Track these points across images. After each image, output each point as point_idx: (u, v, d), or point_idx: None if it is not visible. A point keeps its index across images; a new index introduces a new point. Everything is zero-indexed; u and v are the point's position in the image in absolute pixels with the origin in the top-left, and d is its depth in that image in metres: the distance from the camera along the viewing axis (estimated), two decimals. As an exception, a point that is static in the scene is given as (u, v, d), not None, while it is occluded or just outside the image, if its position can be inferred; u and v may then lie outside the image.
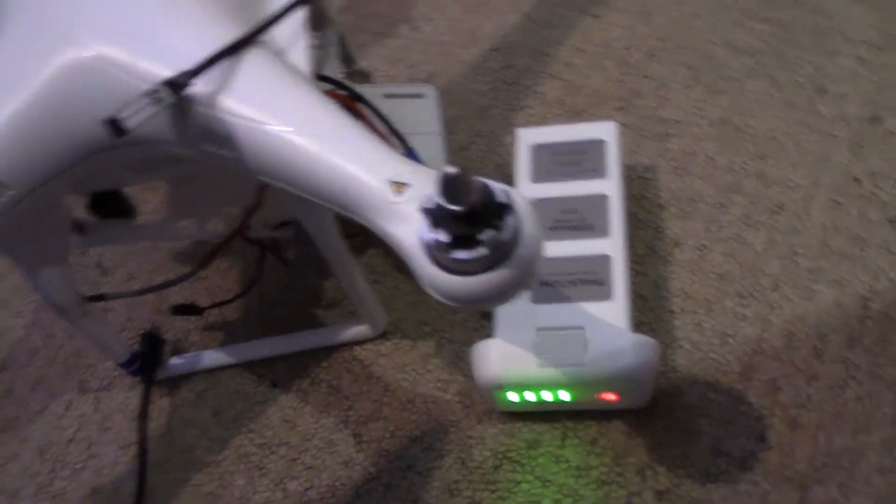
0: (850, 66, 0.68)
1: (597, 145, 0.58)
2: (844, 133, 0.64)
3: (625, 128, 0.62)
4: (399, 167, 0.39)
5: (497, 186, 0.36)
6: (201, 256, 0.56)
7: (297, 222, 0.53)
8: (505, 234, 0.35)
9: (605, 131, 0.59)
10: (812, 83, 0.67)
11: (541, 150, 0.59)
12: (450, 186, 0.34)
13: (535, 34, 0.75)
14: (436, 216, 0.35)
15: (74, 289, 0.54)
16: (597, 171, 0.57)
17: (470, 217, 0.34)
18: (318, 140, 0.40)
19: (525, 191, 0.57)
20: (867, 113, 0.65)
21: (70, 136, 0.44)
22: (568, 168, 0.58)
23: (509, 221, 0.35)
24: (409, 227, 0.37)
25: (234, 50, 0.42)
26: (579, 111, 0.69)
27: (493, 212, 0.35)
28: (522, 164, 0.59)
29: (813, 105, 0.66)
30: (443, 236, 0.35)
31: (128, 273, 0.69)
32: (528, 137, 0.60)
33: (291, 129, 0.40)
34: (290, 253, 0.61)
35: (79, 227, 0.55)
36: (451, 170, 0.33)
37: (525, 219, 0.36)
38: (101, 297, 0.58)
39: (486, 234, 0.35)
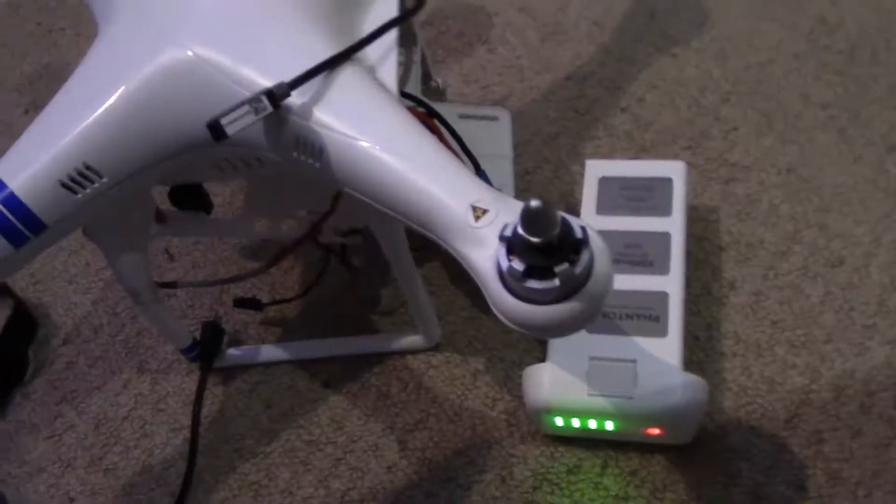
0: (922, 128, 0.68)
1: (664, 183, 0.59)
2: (911, 194, 0.65)
3: (691, 168, 0.63)
4: (480, 193, 0.40)
5: (575, 222, 0.37)
6: (272, 255, 0.58)
7: (367, 230, 0.55)
8: (578, 269, 0.36)
9: (673, 170, 0.60)
10: (883, 141, 0.68)
11: (609, 183, 0.60)
12: (532, 218, 0.35)
13: (610, 67, 0.76)
14: (513, 245, 0.37)
15: (149, 275, 0.56)
16: (662, 208, 0.58)
17: (547, 249, 0.36)
18: (404, 159, 0.42)
19: (590, 221, 0.59)
20: (935, 176, 0.65)
21: (165, 133, 0.46)
22: (634, 203, 0.59)
23: (584, 257, 0.37)
24: (485, 253, 0.39)
25: (330, 65, 0.44)
26: (647, 147, 0.70)
27: (569, 246, 0.37)
28: (590, 195, 0.60)
29: (881, 163, 0.66)
30: (518, 265, 0.37)
31: (193, 262, 0.71)
32: (597, 169, 0.61)
33: (380, 145, 0.42)
34: (354, 259, 0.63)
35: (160, 217, 0.57)
36: (536, 202, 0.35)
37: (599, 256, 0.37)
38: (173, 285, 0.60)
39: (561, 267, 0.36)
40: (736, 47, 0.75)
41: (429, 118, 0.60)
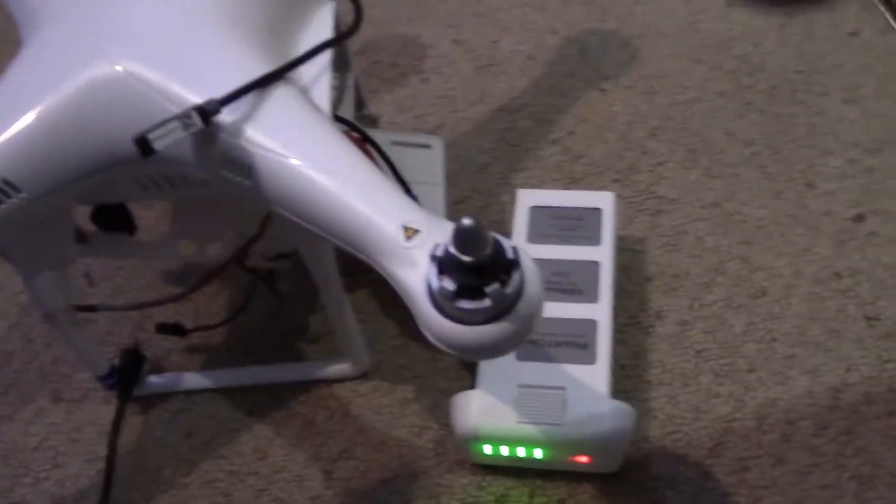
0: (839, 166, 0.70)
1: (594, 213, 0.60)
2: (829, 229, 0.67)
3: (620, 199, 0.64)
4: (412, 213, 0.40)
5: (507, 243, 0.37)
6: (196, 279, 0.56)
7: (296, 255, 0.54)
8: (509, 290, 0.36)
9: (603, 201, 0.61)
10: (803, 178, 0.70)
11: (539, 212, 0.61)
12: (465, 237, 0.35)
13: (542, 100, 0.77)
14: (445, 264, 0.37)
15: (66, 297, 0.54)
16: (591, 238, 0.59)
17: (478, 269, 0.36)
18: (335, 177, 0.41)
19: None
20: (852, 212, 0.67)
21: (89, 148, 0.45)
22: (564, 232, 0.59)
23: (515, 277, 0.37)
24: (416, 273, 0.38)
25: (263, 83, 0.43)
26: (577, 178, 0.71)
27: (500, 267, 0.36)
28: (520, 223, 0.60)
29: (802, 199, 0.68)
30: (449, 284, 0.36)
31: (114, 287, 0.69)
32: (528, 199, 0.61)
33: (311, 164, 0.42)
34: (281, 285, 0.62)
35: (80, 237, 0.55)
36: (468, 221, 0.35)
37: (530, 277, 0.37)
38: (91, 308, 0.58)
39: (492, 287, 0.36)
40: (663, 85, 0.77)
41: (361, 143, 0.59)
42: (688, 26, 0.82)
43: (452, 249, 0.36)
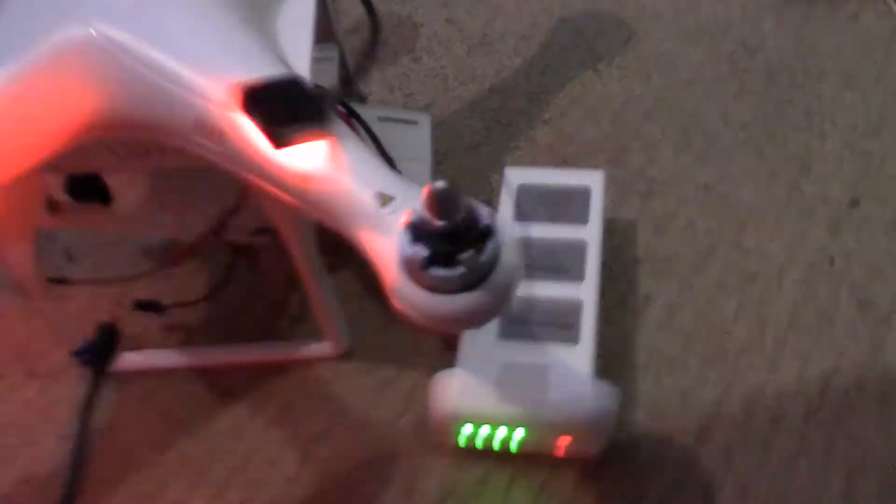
0: (835, 150, 0.69)
1: (582, 192, 0.59)
2: (824, 213, 0.65)
3: (611, 181, 0.62)
4: (388, 179, 0.39)
5: (483, 209, 0.36)
6: (172, 253, 0.55)
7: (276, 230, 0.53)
8: (484, 257, 0.35)
9: (591, 179, 0.59)
10: (798, 161, 0.68)
11: (527, 191, 0.59)
12: (437, 200, 0.34)
13: (535, 80, 0.76)
14: (418, 231, 0.35)
15: (37, 268, 0.53)
16: (579, 217, 0.58)
17: (452, 235, 0.34)
18: (307, 142, 0.40)
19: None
20: (847, 196, 0.66)
21: (61, 112, 0.43)
22: (551, 211, 0.58)
23: (490, 245, 0.35)
24: (390, 240, 0.37)
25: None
26: (568, 159, 0.69)
27: (475, 234, 0.35)
28: (507, 202, 0.59)
29: (796, 182, 0.67)
30: (422, 251, 0.35)
31: (94, 263, 0.68)
32: (516, 177, 0.60)
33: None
34: (262, 261, 0.61)
35: (52, 206, 0.54)
36: (440, 184, 0.33)
37: (507, 245, 0.36)
38: (63, 281, 0.57)
39: (466, 255, 0.34)
40: (658, 67, 0.76)
41: (346, 117, 0.58)
42: (686, 8, 0.80)
43: (425, 213, 0.34)
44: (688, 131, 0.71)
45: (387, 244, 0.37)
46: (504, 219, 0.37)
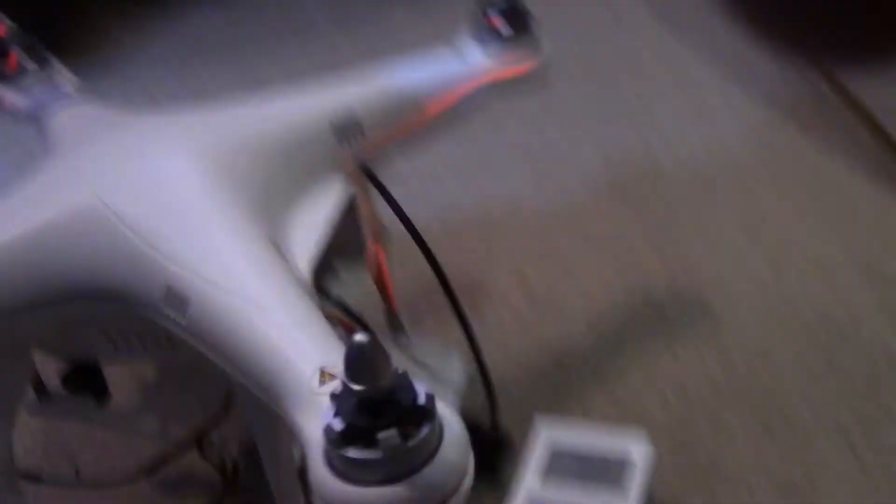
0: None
1: (622, 462, 0.50)
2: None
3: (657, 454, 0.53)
4: (335, 356, 0.33)
5: (422, 387, 0.29)
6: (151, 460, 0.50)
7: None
8: (412, 443, 0.28)
9: (633, 445, 0.51)
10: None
11: (559, 447, 0.51)
12: (355, 357, 0.28)
13: (602, 351, 0.70)
14: (339, 401, 0.29)
15: (11, 459, 0.49)
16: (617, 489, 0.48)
17: (371, 405, 0.28)
18: (263, 312, 0.36)
19: (532, 486, 0.49)
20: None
21: (56, 273, 0.42)
22: (585, 475, 0.49)
23: (424, 432, 0.28)
24: (317, 422, 0.30)
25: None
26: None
27: (404, 411, 0.28)
28: (536, 458, 0.51)
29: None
30: (337, 423, 0.28)
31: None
32: (548, 429, 0.52)
33: (241, 297, 0.36)
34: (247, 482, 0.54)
35: (42, 392, 0.51)
36: (361, 337, 0.28)
37: (450, 438, 0.29)
38: (37, 479, 0.52)
39: (386, 433, 0.28)
40: (741, 352, 0.68)
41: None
42: (776, 294, 0.73)
43: (343, 376, 0.28)
44: (769, 423, 0.61)
45: (315, 426, 0.30)
46: (452, 411, 0.30)
